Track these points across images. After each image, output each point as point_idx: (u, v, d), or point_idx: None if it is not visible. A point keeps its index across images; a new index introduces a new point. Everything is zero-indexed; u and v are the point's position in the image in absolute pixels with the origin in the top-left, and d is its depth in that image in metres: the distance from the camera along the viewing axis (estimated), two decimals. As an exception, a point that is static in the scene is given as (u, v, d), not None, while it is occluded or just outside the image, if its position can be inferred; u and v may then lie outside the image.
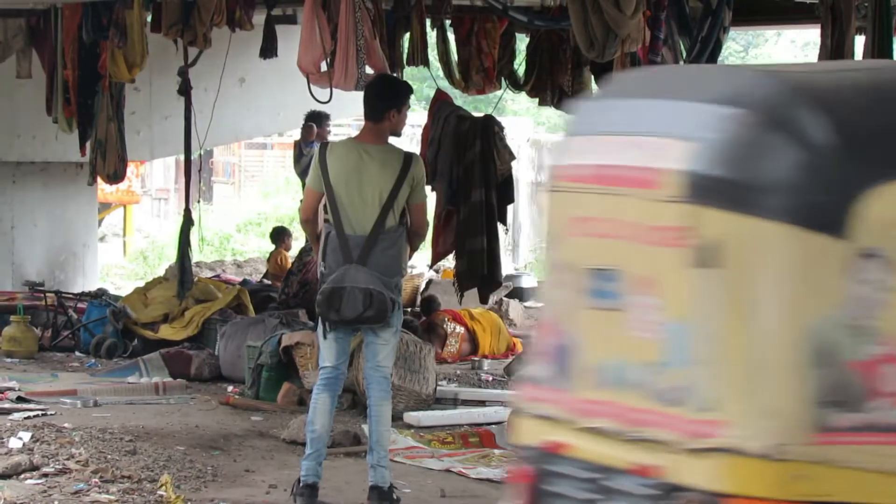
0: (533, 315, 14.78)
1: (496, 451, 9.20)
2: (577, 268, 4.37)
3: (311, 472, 7.54)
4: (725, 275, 3.85)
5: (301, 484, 7.55)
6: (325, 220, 7.63)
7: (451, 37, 12.85)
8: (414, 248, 7.93)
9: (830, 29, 9.96)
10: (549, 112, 40.26)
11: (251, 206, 34.01)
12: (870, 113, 3.93)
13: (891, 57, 7.28)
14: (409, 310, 14.23)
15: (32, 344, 13.35)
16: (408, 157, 7.62)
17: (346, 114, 21.05)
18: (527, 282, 17.98)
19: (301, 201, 8.77)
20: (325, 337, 7.59)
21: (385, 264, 7.47)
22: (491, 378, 12.39)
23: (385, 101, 7.69)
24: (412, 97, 8.19)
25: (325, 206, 7.66)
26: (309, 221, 7.86)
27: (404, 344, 10.33)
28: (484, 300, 12.57)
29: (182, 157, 14.93)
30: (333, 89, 11.12)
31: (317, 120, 15.40)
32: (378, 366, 7.61)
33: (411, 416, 10.03)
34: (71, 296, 14.75)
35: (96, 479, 7.75)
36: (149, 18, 12.93)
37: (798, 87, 4.01)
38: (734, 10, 10.77)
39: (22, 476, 7.82)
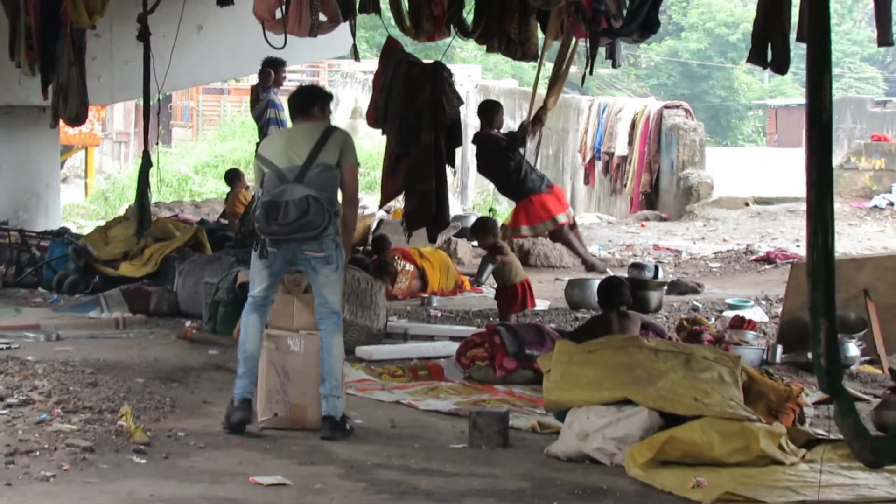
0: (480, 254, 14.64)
1: (444, 384, 9.17)
2: None
3: (245, 389, 7.60)
4: None
5: (236, 401, 7.58)
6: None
7: (402, -15, 12.68)
8: (349, 226, 7.88)
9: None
10: (497, 58, 39.97)
11: (208, 149, 34.04)
12: None
13: (827, 4, 6.97)
14: (360, 248, 14.38)
15: (-4, 280, 13.40)
16: (329, 127, 7.84)
17: (301, 59, 20.93)
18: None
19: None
20: (261, 256, 7.65)
21: (321, 184, 7.56)
22: (439, 314, 12.42)
23: (313, 97, 7.98)
24: (364, 44, 8.33)
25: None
26: None
27: (356, 280, 10.37)
28: (432, 239, 12.64)
29: (141, 102, 14.88)
30: (288, 36, 11.37)
31: (273, 66, 15.69)
32: (326, 302, 7.67)
33: (362, 350, 10.01)
34: (34, 234, 14.78)
35: (59, 410, 7.69)
36: (109, -34, 12.78)
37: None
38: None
39: (-15, 407, 7.77)
